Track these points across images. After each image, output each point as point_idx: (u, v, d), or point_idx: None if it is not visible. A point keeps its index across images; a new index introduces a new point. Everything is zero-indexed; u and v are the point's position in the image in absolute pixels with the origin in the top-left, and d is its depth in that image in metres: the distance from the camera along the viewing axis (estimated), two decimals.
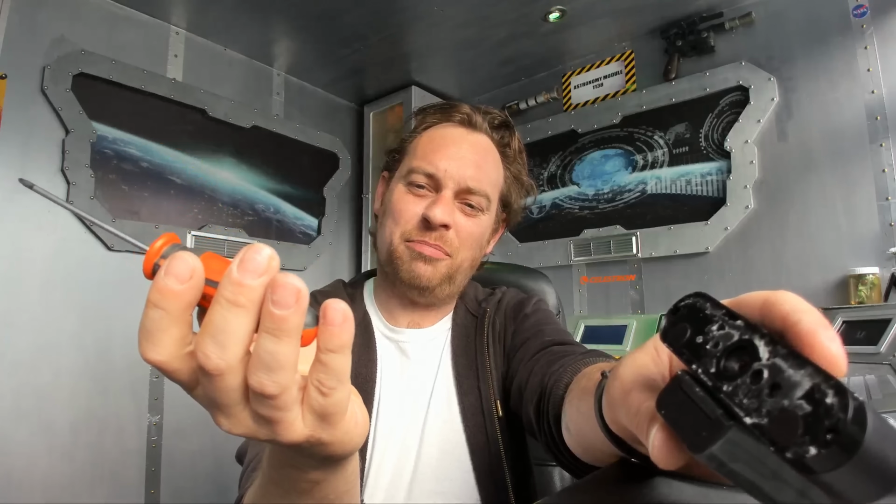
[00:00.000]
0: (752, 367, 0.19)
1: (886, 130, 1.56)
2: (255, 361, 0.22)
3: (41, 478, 1.48)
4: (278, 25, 2.00)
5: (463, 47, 2.18)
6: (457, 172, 0.69)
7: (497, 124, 0.77)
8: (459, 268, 0.72)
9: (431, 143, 0.72)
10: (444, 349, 0.74)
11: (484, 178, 0.71)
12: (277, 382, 0.22)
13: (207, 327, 0.22)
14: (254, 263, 0.22)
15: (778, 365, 0.18)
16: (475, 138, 0.73)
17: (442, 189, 0.69)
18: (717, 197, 1.89)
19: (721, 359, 0.21)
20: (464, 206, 0.71)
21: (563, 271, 2.26)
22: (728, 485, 0.31)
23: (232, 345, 0.22)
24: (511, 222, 0.81)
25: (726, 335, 0.21)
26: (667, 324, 0.23)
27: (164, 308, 0.22)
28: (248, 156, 2.14)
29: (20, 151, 1.54)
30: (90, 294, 1.65)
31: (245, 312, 0.22)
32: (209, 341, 0.22)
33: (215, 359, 0.22)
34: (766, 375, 0.19)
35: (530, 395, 0.60)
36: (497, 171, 0.75)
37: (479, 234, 0.73)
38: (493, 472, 0.66)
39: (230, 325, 0.22)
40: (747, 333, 0.20)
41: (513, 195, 0.78)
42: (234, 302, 0.22)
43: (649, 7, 1.92)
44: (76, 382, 1.60)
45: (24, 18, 1.57)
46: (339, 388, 0.24)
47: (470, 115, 0.74)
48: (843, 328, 1.36)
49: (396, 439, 0.68)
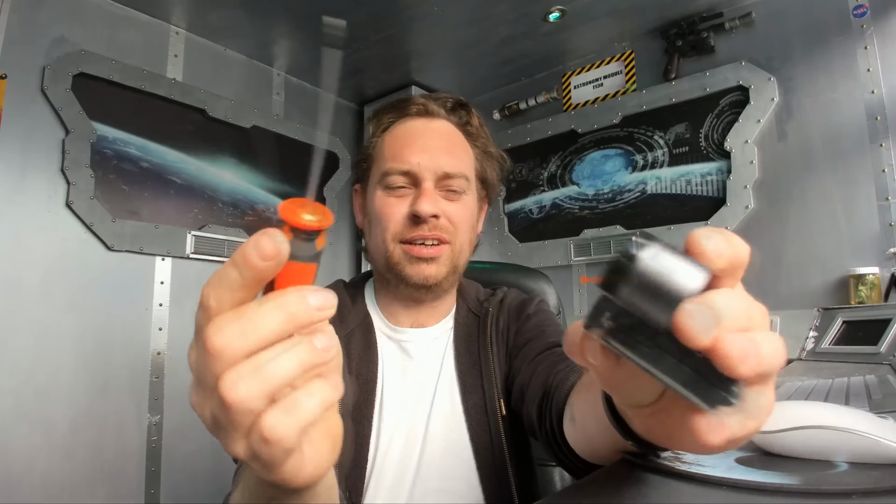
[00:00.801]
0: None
1: (886, 130, 1.56)
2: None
3: (41, 477, 1.48)
4: (278, 25, 2.00)
5: (463, 47, 2.18)
6: (430, 162, 0.69)
7: (452, 106, 0.76)
8: (460, 252, 0.72)
9: (396, 141, 0.72)
10: (447, 348, 0.74)
11: (458, 161, 0.72)
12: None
13: (255, 363, 0.23)
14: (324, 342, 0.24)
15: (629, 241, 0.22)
16: (437, 125, 0.74)
17: (421, 182, 0.69)
18: (717, 197, 1.89)
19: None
20: (446, 192, 0.71)
21: (563, 271, 2.26)
22: (728, 485, 0.31)
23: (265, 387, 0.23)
24: (492, 197, 0.82)
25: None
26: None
27: (238, 270, 0.23)
28: (248, 156, 2.14)
29: (20, 151, 1.54)
30: (90, 294, 1.65)
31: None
32: (249, 376, 0.22)
33: (243, 391, 0.22)
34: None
35: (533, 395, 0.60)
36: (466, 152, 0.75)
37: (469, 214, 0.74)
38: (496, 471, 0.66)
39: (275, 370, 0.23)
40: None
41: (487, 170, 0.78)
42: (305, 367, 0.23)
43: (649, 7, 1.92)
44: (76, 382, 1.60)
45: (24, 18, 1.57)
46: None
47: (425, 105, 0.74)
48: (842, 328, 1.36)
49: (399, 438, 0.68)
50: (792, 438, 0.37)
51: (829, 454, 0.36)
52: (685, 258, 0.20)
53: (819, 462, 0.36)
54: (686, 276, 0.20)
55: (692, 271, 0.20)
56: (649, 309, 0.20)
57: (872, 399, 0.59)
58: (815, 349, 1.35)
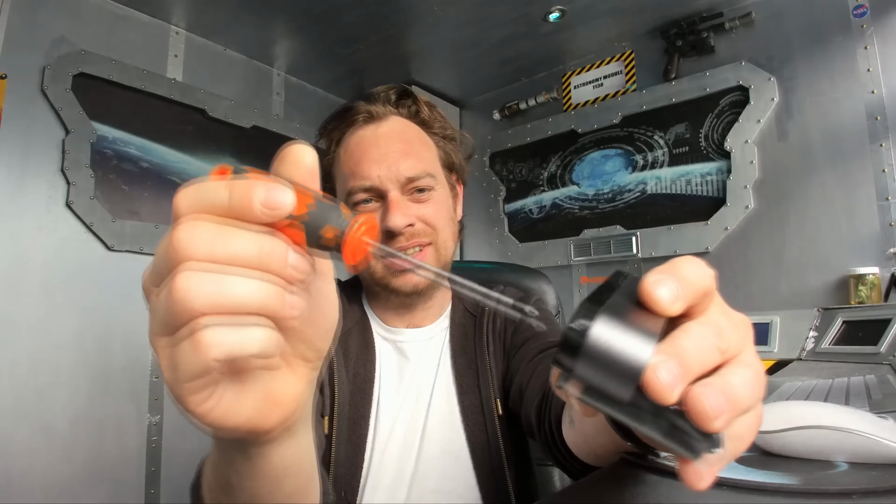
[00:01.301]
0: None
1: (886, 130, 1.56)
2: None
3: (41, 478, 1.48)
4: (278, 25, 1.99)
5: (463, 47, 2.18)
6: (390, 171, 0.66)
7: (396, 99, 0.73)
8: (444, 248, 0.71)
9: (351, 157, 0.69)
10: (443, 348, 0.74)
11: (418, 160, 0.69)
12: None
13: (218, 270, 0.22)
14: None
15: (583, 305, 0.22)
16: (386, 128, 0.70)
17: (386, 194, 0.67)
18: (717, 197, 1.89)
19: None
20: (415, 195, 0.69)
21: (563, 271, 2.26)
22: (728, 485, 0.31)
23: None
24: (464, 177, 0.80)
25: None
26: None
27: (230, 195, 0.22)
28: (248, 156, 2.14)
29: (20, 151, 1.54)
30: (90, 294, 1.65)
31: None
32: (208, 279, 0.21)
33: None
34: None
35: (532, 396, 0.60)
36: (424, 144, 0.73)
37: (445, 209, 0.72)
38: (493, 471, 0.66)
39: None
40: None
41: (451, 154, 0.76)
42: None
43: (649, 7, 1.92)
44: (76, 382, 1.60)
45: (24, 18, 1.57)
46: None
47: (369, 110, 0.71)
48: (843, 328, 1.36)
49: (397, 439, 0.68)
50: (792, 438, 0.37)
51: (829, 454, 0.36)
52: (635, 326, 0.20)
53: (819, 462, 0.36)
54: (636, 348, 0.19)
55: (641, 344, 0.19)
56: (607, 384, 0.20)
57: (872, 399, 0.59)
58: (815, 349, 1.35)
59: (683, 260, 0.23)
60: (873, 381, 0.74)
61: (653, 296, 0.21)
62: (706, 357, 0.21)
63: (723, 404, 0.19)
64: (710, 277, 0.23)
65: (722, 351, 0.21)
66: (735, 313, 0.24)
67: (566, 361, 0.20)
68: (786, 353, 1.40)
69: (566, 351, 0.20)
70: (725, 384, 0.20)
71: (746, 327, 0.24)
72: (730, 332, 0.22)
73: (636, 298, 0.22)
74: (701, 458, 0.21)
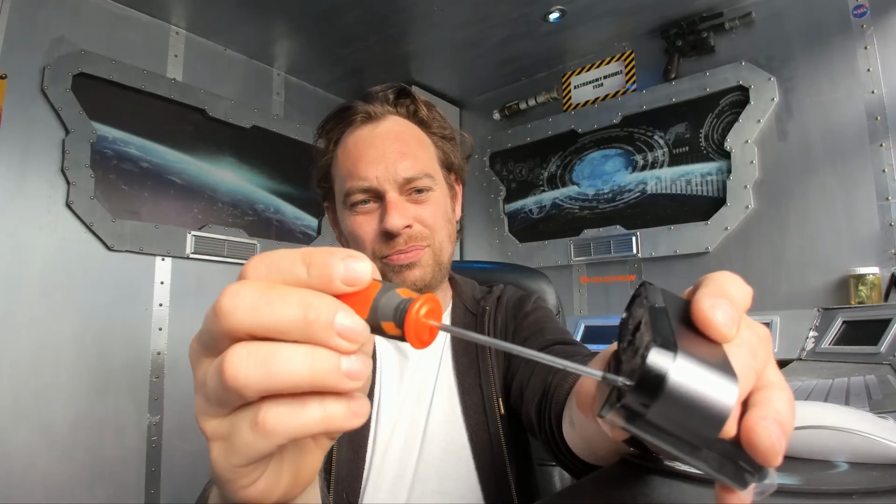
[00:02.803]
0: (630, 337, 0.21)
1: (886, 130, 1.56)
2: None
3: (41, 478, 1.48)
4: (278, 25, 2.00)
5: (463, 47, 2.18)
6: (387, 172, 0.66)
7: (394, 98, 0.72)
8: (441, 249, 0.70)
9: (349, 157, 0.69)
10: (444, 348, 0.74)
11: (416, 161, 0.68)
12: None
13: (266, 348, 0.20)
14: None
15: (641, 332, 0.20)
16: (384, 128, 0.69)
17: (384, 195, 0.66)
18: (717, 197, 1.89)
19: (626, 335, 0.22)
20: (413, 195, 0.68)
21: (563, 271, 2.26)
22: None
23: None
24: (463, 177, 0.79)
25: (635, 315, 0.23)
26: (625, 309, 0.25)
27: (307, 269, 0.21)
28: (248, 156, 2.14)
29: (20, 151, 1.54)
30: (90, 294, 1.65)
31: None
32: (255, 363, 0.20)
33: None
34: (632, 341, 0.21)
35: (532, 393, 0.60)
36: (422, 144, 0.72)
37: (442, 210, 0.71)
38: (495, 471, 0.66)
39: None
40: (644, 311, 0.22)
41: (450, 154, 0.75)
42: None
43: (649, 7, 1.92)
44: (76, 382, 1.60)
45: (24, 18, 1.57)
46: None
47: (367, 111, 0.70)
48: (843, 328, 1.36)
49: (398, 439, 0.68)
50: (792, 438, 0.37)
51: (829, 454, 0.36)
52: (710, 363, 0.18)
53: (819, 462, 0.36)
54: (720, 391, 0.18)
55: (724, 385, 0.18)
56: (686, 427, 0.18)
57: (872, 399, 0.59)
58: (815, 349, 1.35)
59: (727, 277, 0.22)
60: (873, 381, 0.74)
61: (712, 322, 0.20)
62: (750, 382, 0.20)
63: (783, 438, 0.19)
64: (749, 295, 0.22)
65: (758, 372, 0.21)
66: (758, 326, 0.23)
67: (636, 405, 0.18)
68: (786, 353, 1.40)
69: (641, 392, 0.18)
70: (778, 414, 0.20)
71: (769, 340, 0.23)
72: (759, 350, 0.22)
73: (687, 321, 0.21)
74: (747, 488, 0.20)
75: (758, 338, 0.22)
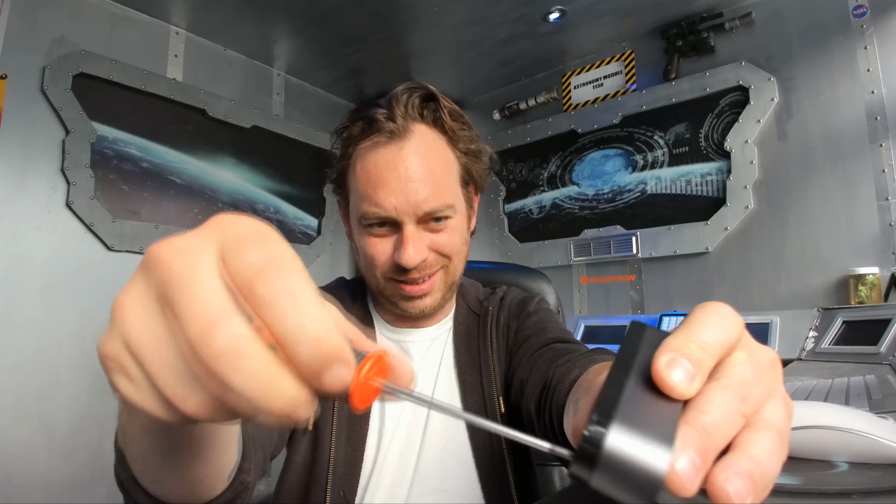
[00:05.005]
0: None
1: (886, 130, 1.56)
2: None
3: (41, 478, 1.48)
4: (278, 25, 2.00)
5: (463, 47, 2.18)
6: (406, 204, 0.62)
7: (421, 106, 0.66)
8: (455, 272, 0.70)
9: (368, 178, 0.64)
10: (446, 347, 0.74)
11: (438, 190, 0.64)
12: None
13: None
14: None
15: (601, 399, 0.20)
16: (410, 148, 0.63)
17: (402, 227, 0.63)
18: (717, 197, 1.89)
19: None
20: (430, 223, 0.65)
21: (563, 271, 2.26)
22: None
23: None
24: (483, 187, 0.76)
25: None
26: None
27: (306, 346, 0.20)
28: (248, 156, 2.14)
29: (20, 151, 1.54)
30: (90, 294, 1.65)
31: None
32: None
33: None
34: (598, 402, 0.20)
35: (532, 389, 0.60)
36: (446, 164, 0.67)
37: (459, 235, 0.69)
38: (495, 469, 0.66)
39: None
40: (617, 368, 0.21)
41: (471, 167, 0.72)
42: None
43: (649, 7, 1.92)
44: (76, 382, 1.60)
45: (24, 18, 1.57)
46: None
47: (395, 128, 0.63)
48: (843, 328, 1.36)
49: (398, 437, 0.68)
50: (792, 438, 0.37)
51: (829, 454, 0.36)
52: (652, 427, 0.19)
53: (819, 462, 0.36)
54: (654, 458, 0.18)
55: (656, 453, 0.18)
56: (626, 494, 0.19)
57: (872, 399, 0.59)
58: (815, 349, 1.35)
59: (705, 316, 0.21)
60: (873, 381, 0.74)
61: (666, 382, 0.19)
62: (729, 430, 0.20)
63: (749, 488, 0.18)
64: (736, 329, 0.21)
65: (746, 415, 0.20)
66: (762, 353, 0.22)
67: (581, 473, 0.19)
68: (786, 353, 1.40)
69: (581, 462, 0.19)
70: (752, 462, 0.19)
71: (773, 371, 0.22)
72: (754, 388, 0.21)
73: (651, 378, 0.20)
74: None
75: (755, 372, 0.21)
